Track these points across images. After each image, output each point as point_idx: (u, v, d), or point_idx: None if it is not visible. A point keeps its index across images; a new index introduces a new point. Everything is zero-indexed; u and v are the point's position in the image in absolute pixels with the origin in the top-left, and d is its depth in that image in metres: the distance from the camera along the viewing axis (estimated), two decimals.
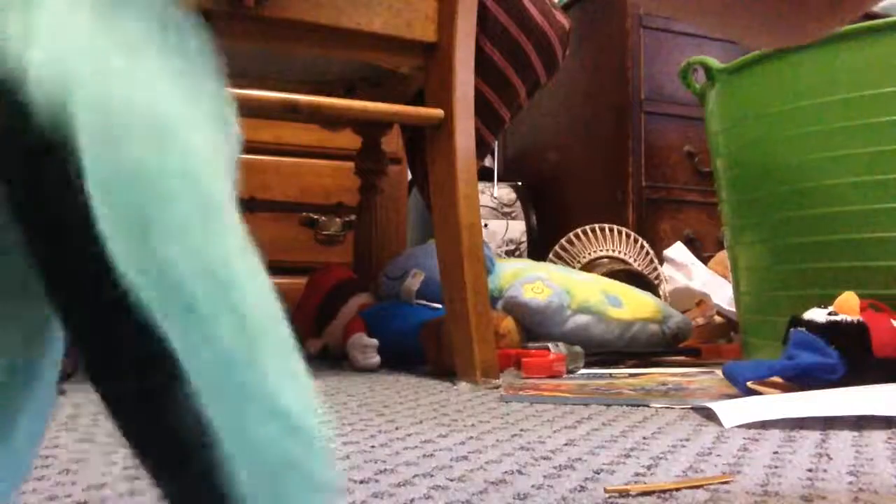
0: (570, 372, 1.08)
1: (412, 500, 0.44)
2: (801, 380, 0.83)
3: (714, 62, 1.15)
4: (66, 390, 0.83)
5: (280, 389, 0.19)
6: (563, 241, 1.74)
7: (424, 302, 1.22)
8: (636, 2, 0.49)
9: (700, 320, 1.46)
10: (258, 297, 0.19)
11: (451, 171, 1.01)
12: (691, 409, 0.77)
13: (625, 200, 1.91)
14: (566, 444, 0.60)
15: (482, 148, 1.41)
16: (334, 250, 1.88)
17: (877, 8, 2.33)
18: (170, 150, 0.17)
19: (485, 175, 2.11)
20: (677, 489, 0.45)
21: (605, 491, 0.46)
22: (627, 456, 0.56)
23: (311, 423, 0.20)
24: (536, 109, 2.22)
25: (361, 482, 0.48)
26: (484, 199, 2.05)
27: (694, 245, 1.90)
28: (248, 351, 0.18)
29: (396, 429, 0.66)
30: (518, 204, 2.13)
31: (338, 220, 1.89)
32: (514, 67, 1.34)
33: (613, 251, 1.70)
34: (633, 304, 1.28)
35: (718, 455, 0.56)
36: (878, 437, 0.64)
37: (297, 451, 0.18)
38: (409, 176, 1.89)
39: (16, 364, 0.21)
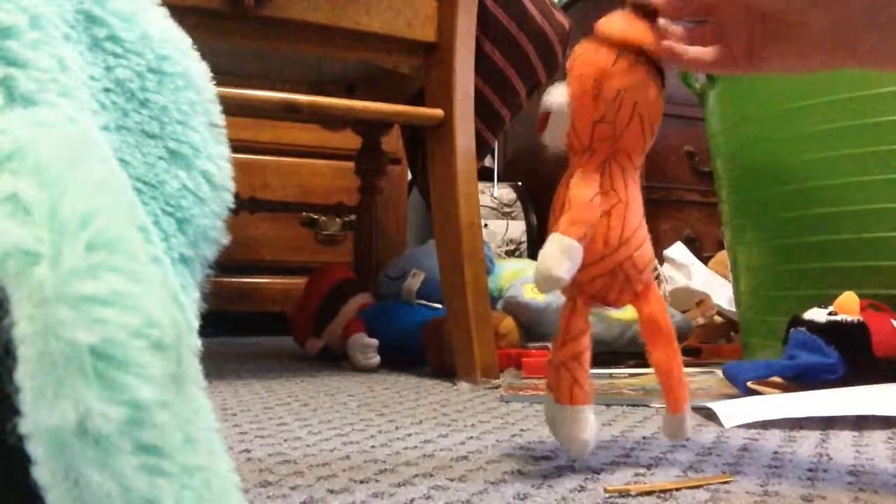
0: None
1: (412, 500, 0.44)
2: (801, 380, 0.83)
3: None
4: None
5: None
6: None
7: (424, 302, 1.22)
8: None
9: (700, 320, 1.46)
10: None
11: (451, 171, 1.01)
12: (691, 409, 0.77)
13: None
14: None
15: (482, 148, 1.41)
16: (334, 250, 1.88)
17: None
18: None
19: (485, 175, 2.11)
20: (677, 489, 0.45)
21: (605, 491, 0.46)
22: (627, 456, 0.56)
23: None
24: (536, 109, 2.22)
25: (361, 482, 0.48)
26: (484, 199, 2.05)
27: (694, 245, 1.90)
28: None
29: (396, 429, 0.66)
30: (518, 204, 2.13)
31: (338, 220, 1.89)
32: (514, 67, 1.34)
33: None
34: None
35: (718, 455, 0.56)
36: (878, 437, 0.64)
37: None
38: (409, 176, 1.89)
39: None
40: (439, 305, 1.18)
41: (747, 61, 0.52)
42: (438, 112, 1.02)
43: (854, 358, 0.82)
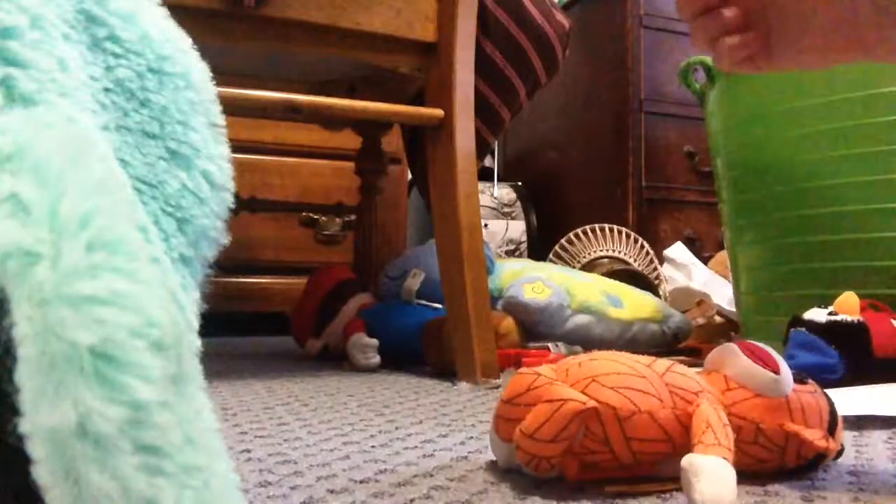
0: None
1: (412, 500, 0.44)
2: None
3: None
4: None
5: None
6: (563, 241, 1.74)
7: (424, 302, 1.22)
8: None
9: (700, 320, 1.46)
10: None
11: (451, 171, 1.01)
12: None
13: (625, 200, 1.91)
14: None
15: (482, 148, 1.41)
16: (334, 250, 1.88)
17: None
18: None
19: (485, 175, 2.11)
20: (677, 489, 0.45)
21: (605, 491, 0.46)
22: None
23: None
24: (536, 109, 2.22)
25: (361, 482, 0.48)
26: (484, 199, 2.05)
27: (694, 245, 1.90)
28: None
29: (396, 429, 0.66)
30: (518, 204, 2.13)
31: (338, 220, 1.89)
32: (514, 67, 1.34)
33: (613, 251, 1.70)
34: (633, 304, 1.28)
35: None
36: (878, 437, 0.64)
37: None
38: (409, 176, 1.89)
39: None
40: (439, 305, 1.18)
41: (766, 59, 0.52)
42: (438, 112, 1.02)
43: (854, 358, 0.82)
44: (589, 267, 1.60)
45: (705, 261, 1.74)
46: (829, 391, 0.77)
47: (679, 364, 0.51)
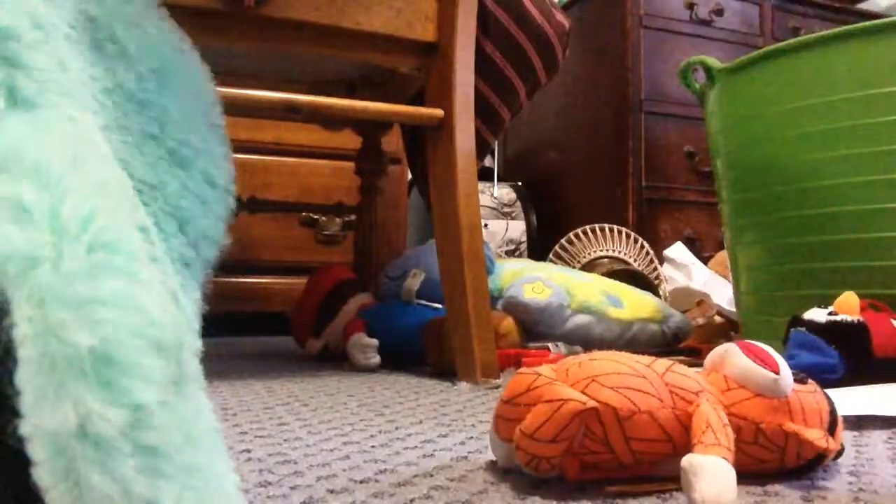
0: None
1: (412, 500, 0.44)
2: None
3: (714, 62, 1.15)
4: None
5: None
6: (563, 241, 1.74)
7: (424, 302, 1.22)
8: None
9: (700, 320, 1.46)
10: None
11: (451, 171, 1.01)
12: None
13: (625, 200, 1.91)
14: None
15: (482, 148, 1.41)
16: (334, 250, 1.88)
17: (877, 8, 2.34)
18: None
19: (485, 175, 2.11)
20: (677, 489, 0.45)
21: (605, 491, 0.46)
22: None
23: None
24: (536, 109, 2.22)
25: (361, 482, 0.48)
26: (484, 199, 2.05)
27: (694, 245, 1.90)
28: None
29: (396, 429, 0.66)
30: (518, 204, 2.13)
31: (338, 220, 1.89)
32: (514, 67, 1.34)
33: (613, 251, 1.70)
34: (633, 304, 1.28)
35: None
36: (878, 437, 0.64)
37: None
38: (409, 176, 1.89)
39: None
40: (439, 305, 1.18)
41: None
42: (438, 112, 1.02)
43: (854, 358, 0.82)
44: (589, 267, 1.60)
45: (705, 261, 1.74)
46: (829, 391, 0.77)
47: (679, 364, 0.51)
